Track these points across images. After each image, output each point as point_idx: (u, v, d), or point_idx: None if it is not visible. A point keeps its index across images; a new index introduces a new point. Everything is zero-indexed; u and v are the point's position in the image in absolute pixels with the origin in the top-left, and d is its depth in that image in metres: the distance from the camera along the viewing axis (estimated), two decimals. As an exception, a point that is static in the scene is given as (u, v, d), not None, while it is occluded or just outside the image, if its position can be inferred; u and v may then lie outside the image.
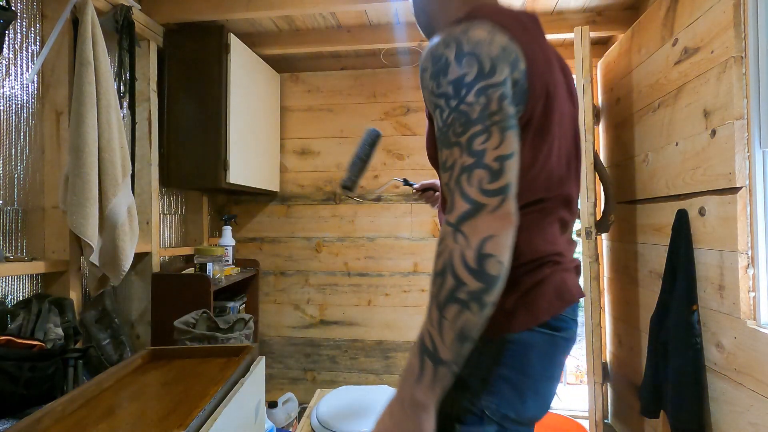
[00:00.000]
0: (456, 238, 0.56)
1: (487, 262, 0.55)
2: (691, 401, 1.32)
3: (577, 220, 2.02)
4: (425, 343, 0.57)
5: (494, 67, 0.61)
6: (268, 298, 2.56)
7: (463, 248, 0.56)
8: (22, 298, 1.43)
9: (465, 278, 0.55)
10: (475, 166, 0.58)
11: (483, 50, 0.61)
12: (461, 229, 0.56)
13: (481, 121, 0.59)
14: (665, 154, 1.59)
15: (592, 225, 1.87)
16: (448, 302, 0.56)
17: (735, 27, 1.20)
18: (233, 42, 2.00)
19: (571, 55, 2.35)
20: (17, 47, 1.44)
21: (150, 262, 1.88)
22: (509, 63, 0.62)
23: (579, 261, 0.80)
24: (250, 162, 2.16)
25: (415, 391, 0.57)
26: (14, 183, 1.42)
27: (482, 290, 0.55)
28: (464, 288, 0.55)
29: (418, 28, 0.96)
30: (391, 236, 2.46)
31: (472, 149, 0.59)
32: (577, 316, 0.76)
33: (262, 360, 1.22)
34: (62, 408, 0.86)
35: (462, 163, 0.59)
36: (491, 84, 0.60)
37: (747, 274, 1.19)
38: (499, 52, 0.62)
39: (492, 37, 0.62)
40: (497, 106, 0.60)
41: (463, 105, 0.60)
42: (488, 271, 0.55)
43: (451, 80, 0.61)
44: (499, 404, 0.68)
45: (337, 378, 2.49)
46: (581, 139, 1.90)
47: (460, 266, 0.55)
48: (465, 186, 0.58)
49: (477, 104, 0.60)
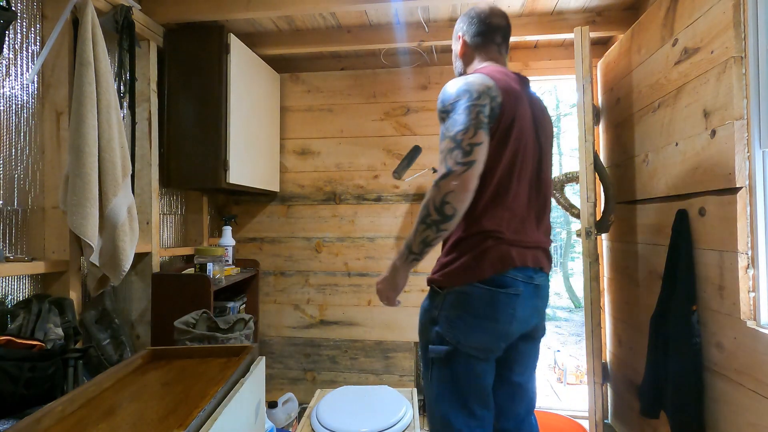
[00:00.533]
0: (434, 189, 0.99)
1: (445, 206, 0.98)
2: (691, 401, 1.32)
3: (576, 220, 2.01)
4: (408, 241, 1.05)
5: (480, 95, 1.02)
6: (268, 298, 2.56)
7: (435, 195, 0.99)
8: (22, 298, 1.43)
9: (432, 212, 0.99)
10: (455, 148, 0.99)
11: (474, 87, 1.03)
12: (437, 184, 0.99)
13: (464, 123, 1.00)
14: (665, 154, 1.59)
15: (592, 225, 1.87)
16: (421, 223, 1.01)
17: (735, 27, 1.20)
18: (233, 42, 2.00)
19: (571, 55, 2.36)
20: (17, 47, 1.44)
21: (150, 262, 1.88)
22: (490, 96, 1.03)
23: (542, 242, 1.14)
24: (250, 162, 2.16)
25: (398, 262, 1.09)
26: (14, 183, 1.42)
27: (439, 221, 0.99)
28: (430, 217, 1.00)
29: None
30: (391, 236, 2.46)
31: (455, 138, 1.00)
32: (534, 279, 1.09)
33: (262, 360, 1.22)
34: (62, 408, 0.86)
35: (448, 146, 1.00)
36: (476, 104, 1.01)
37: (747, 274, 1.19)
38: (485, 89, 1.03)
39: (482, 80, 1.05)
40: (476, 115, 1.00)
41: (457, 115, 1.02)
42: (445, 211, 0.98)
43: (453, 102, 1.04)
44: (453, 333, 1.06)
45: (337, 378, 2.49)
46: (582, 140, 1.90)
47: (431, 205, 0.99)
48: (447, 159, 0.99)
49: (464, 114, 1.01)
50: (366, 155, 2.49)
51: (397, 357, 2.44)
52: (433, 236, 1.01)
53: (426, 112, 2.45)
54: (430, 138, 2.41)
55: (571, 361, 3.33)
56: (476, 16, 1.22)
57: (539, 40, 2.30)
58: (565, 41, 2.35)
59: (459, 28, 1.26)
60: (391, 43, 2.23)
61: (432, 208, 0.98)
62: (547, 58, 2.41)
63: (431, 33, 2.18)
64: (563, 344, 5.41)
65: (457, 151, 0.97)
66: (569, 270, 8.65)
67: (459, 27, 1.26)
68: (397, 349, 2.44)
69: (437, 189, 0.98)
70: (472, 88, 1.02)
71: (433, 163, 2.42)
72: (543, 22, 2.10)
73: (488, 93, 1.02)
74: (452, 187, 0.96)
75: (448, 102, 1.04)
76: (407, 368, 2.43)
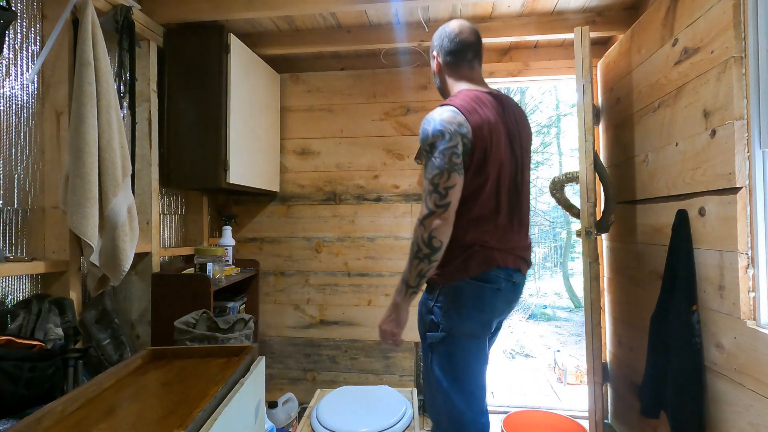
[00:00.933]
0: (420, 227, 1.15)
1: (433, 239, 1.14)
2: (691, 401, 1.32)
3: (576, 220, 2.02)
4: (404, 277, 1.20)
5: (452, 137, 1.14)
6: (268, 298, 2.56)
7: (422, 233, 1.15)
8: (22, 298, 1.43)
9: (423, 247, 1.15)
10: (433, 191, 1.14)
11: (448, 128, 1.14)
12: (422, 223, 1.15)
13: (439, 167, 1.14)
14: (665, 154, 1.59)
15: (592, 225, 1.87)
16: (414, 258, 1.16)
17: (735, 27, 1.20)
18: (233, 42, 2.00)
19: (571, 55, 2.36)
20: (17, 47, 1.44)
21: (150, 262, 1.88)
22: (461, 134, 1.15)
23: (523, 248, 1.31)
24: (250, 162, 2.16)
25: (397, 299, 1.22)
26: (14, 183, 1.42)
27: (430, 253, 1.15)
28: (421, 252, 1.15)
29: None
30: (391, 236, 2.46)
31: (433, 182, 1.15)
32: (513, 278, 1.26)
33: (262, 360, 1.22)
34: (62, 408, 0.86)
35: (428, 188, 1.15)
36: (449, 146, 1.14)
37: (747, 274, 1.19)
38: (457, 129, 1.15)
39: (455, 118, 1.16)
40: (449, 158, 1.14)
41: (434, 158, 1.15)
42: (433, 244, 1.14)
43: (429, 143, 1.17)
44: (446, 322, 1.22)
45: (337, 378, 2.49)
46: (582, 140, 1.90)
47: (420, 241, 1.15)
48: (428, 200, 1.15)
49: (439, 158, 1.14)
50: (366, 155, 2.49)
51: (397, 357, 2.44)
52: (426, 268, 1.16)
53: (426, 112, 2.44)
54: (430, 138, 2.41)
55: (571, 361, 3.33)
56: (446, 36, 1.31)
57: (539, 40, 2.30)
58: (565, 41, 2.35)
59: (433, 47, 1.36)
60: (391, 43, 2.23)
61: (422, 244, 1.14)
62: (547, 58, 2.41)
63: (431, 33, 2.18)
64: (563, 344, 5.40)
65: (435, 194, 1.14)
66: (569, 270, 8.65)
67: (433, 46, 1.36)
68: (397, 349, 2.44)
69: (423, 227, 1.14)
70: (446, 129, 1.14)
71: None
72: (543, 22, 2.10)
73: (459, 131, 1.15)
74: (435, 225, 1.13)
75: (427, 142, 1.17)
76: (407, 368, 2.43)
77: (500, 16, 2.11)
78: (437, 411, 1.26)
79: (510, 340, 5.49)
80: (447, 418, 1.23)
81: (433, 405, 1.27)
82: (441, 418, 1.25)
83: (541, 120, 9.62)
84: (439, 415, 1.26)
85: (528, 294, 8.53)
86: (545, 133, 9.63)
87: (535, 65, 2.41)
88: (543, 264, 10.27)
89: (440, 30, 1.34)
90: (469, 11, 2.08)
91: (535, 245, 10.09)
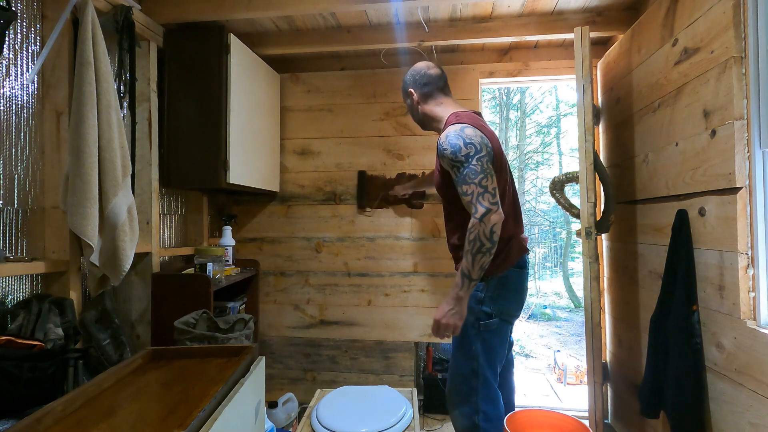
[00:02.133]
0: (480, 224, 1.29)
1: (493, 234, 1.30)
2: (691, 401, 1.32)
3: (576, 220, 2.03)
4: (464, 270, 1.32)
5: (481, 147, 1.34)
6: (268, 298, 2.56)
7: (483, 228, 1.29)
8: (22, 298, 1.43)
9: (485, 242, 1.29)
10: (484, 191, 1.31)
11: (475, 140, 1.34)
12: (483, 220, 1.29)
13: (482, 172, 1.32)
14: (665, 154, 1.59)
15: (592, 225, 1.87)
16: (477, 253, 1.30)
17: (735, 27, 1.20)
18: (233, 42, 2.00)
19: (571, 55, 2.36)
20: (17, 47, 1.44)
21: (150, 262, 1.88)
22: (486, 145, 1.36)
23: (526, 235, 1.56)
24: (250, 162, 2.16)
25: (459, 292, 1.33)
26: (14, 183, 1.42)
27: (491, 247, 1.30)
28: (484, 246, 1.29)
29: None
30: (391, 236, 2.46)
31: (482, 185, 1.31)
32: (528, 259, 1.53)
33: (262, 360, 1.22)
34: (62, 408, 0.86)
35: (478, 191, 1.31)
36: (482, 155, 1.33)
37: (747, 274, 1.19)
38: (481, 140, 1.35)
39: (476, 133, 1.36)
40: (486, 164, 1.33)
41: (472, 165, 1.32)
42: (494, 238, 1.30)
43: (464, 154, 1.33)
44: (497, 307, 1.44)
45: (337, 378, 2.49)
46: (582, 140, 1.90)
47: (482, 237, 1.29)
48: (482, 201, 1.30)
49: (478, 165, 1.32)
50: (366, 155, 2.49)
51: (397, 357, 2.44)
52: (487, 260, 1.32)
53: (426, 112, 2.45)
54: (429, 138, 2.41)
55: (571, 361, 3.33)
56: (418, 74, 1.57)
57: (539, 40, 2.30)
58: (565, 41, 2.35)
59: (408, 86, 1.60)
60: (391, 43, 2.23)
61: (484, 238, 1.29)
62: (547, 58, 2.41)
63: (431, 33, 2.18)
64: (563, 344, 5.40)
65: (487, 194, 1.30)
66: (569, 270, 8.65)
67: (407, 85, 1.60)
68: (397, 349, 2.44)
69: (484, 224, 1.29)
70: (475, 141, 1.33)
71: (426, 167, 2.42)
72: (543, 22, 2.10)
73: (484, 142, 1.35)
74: (494, 220, 1.29)
75: (461, 154, 1.33)
76: (407, 368, 2.43)
77: (500, 16, 2.11)
78: (470, 392, 1.43)
79: (510, 340, 5.50)
80: (483, 393, 1.43)
81: (464, 387, 1.44)
82: (471, 395, 1.43)
83: (541, 120, 9.61)
84: (471, 396, 1.43)
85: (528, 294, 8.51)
86: (545, 133, 9.64)
87: (535, 65, 2.41)
88: (543, 264, 10.28)
89: (409, 73, 1.60)
90: (469, 11, 2.08)
91: (535, 245, 10.11)
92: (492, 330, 1.43)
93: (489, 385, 1.43)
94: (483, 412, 1.43)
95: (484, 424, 1.43)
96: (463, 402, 1.44)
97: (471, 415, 1.43)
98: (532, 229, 9.99)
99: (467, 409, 1.44)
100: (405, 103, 1.66)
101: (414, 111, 1.61)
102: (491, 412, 1.43)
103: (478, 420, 1.42)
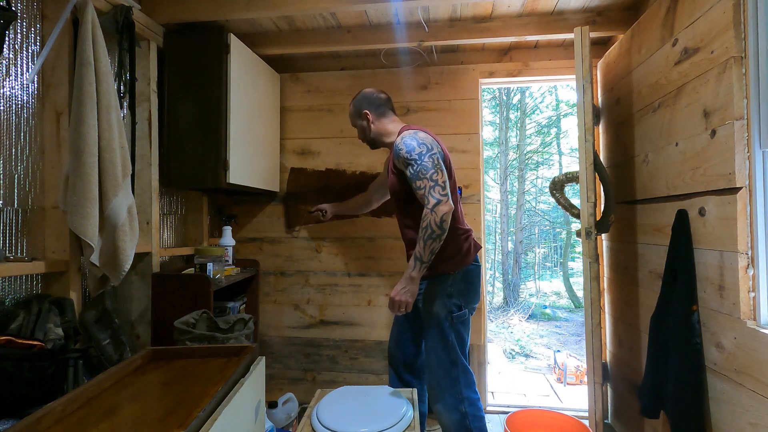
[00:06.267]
0: (432, 214, 1.42)
1: (444, 222, 1.42)
2: (691, 401, 1.32)
3: (577, 220, 2.02)
4: (417, 254, 1.45)
5: (432, 147, 1.50)
6: (268, 298, 2.56)
7: (434, 218, 1.42)
8: (22, 298, 1.43)
9: (436, 229, 1.42)
10: (435, 184, 1.44)
11: (427, 141, 1.51)
12: (434, 210, 1.42)
13: (433, 167, 1.46)
14: (665, 154, 1.59)
15: (592, 225, 1.87)
16: (428, 239, 1.42)
17: (735, 27, 1.20)
18: (233, 42, 2.00)
19: (571, 55, 2.36)
20: (17, 47, 1.44)
21: (150, 262, 1.88)
22: (436, 145, 1.53)
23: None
24: (250, 162, 2.16)
25: (412, 273, 1.46)
26: (14, 183, 1.42)
27: (441, 234, 1.43)
28: (435, 233, 1.42)
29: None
30: (391, 236, 2.46)
31: (433, 179, 1.45)
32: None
33: (262, 360, 1.22)
34: (62, 408, 0.86)
35: (430, 184, 1.44)
36: (434, 153, 1.49)
37: (747, 274, 1.19)
38: (433, 141, 1.53)
39: (427, 136, 1.55)
40: (438, 161, 1.48)
41: (425, 162, 1.47)
42: (444, 226, 1.42)
43: (417, 152, 1.48)
44: (464, 299, 1.59)
45: (337, 378, 2.49)
46: (582, 140, 1.90)
47: (433, 225, 1.42)
48: (433, 193, 1.44)
49: (430, 161, 1.47)
50: (366, 155, 2.49)
51: (397, 357, 2.44)
52: (437, 245, 1.44)
53: (426, 113, 2.45)
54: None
55: (571, 361, 3.33)
56: (370, 96, 1.75)
57: (539, 40, 2.30)
58: (565, 41, 2.35)
59: (361, 108, 1.75)
60: (391, 43, 2.23)
61: (435, 227, 1.42)
62: (547, 58, 2.41)
63: (431, 33, 2.18)
64: (563, 344, 5.40)
65: (438, 187, 1.44)
66: (569, 270, 8.65)
67: (361, 107, 1.75)
68: (397, 349, 2.44)
69: (435, 213, 1.42)
70: (427, 142, 1.51)
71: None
72: (543, 22, 2.10)
73: (435, 143, 1.53)
74: (444, 210, 1.42)
75: (415, 153, 1.48)
76: (407, 368, 2.43)
77: (500, 16, 2.11)
78: (453, 382, 1.55)
79: (510, 340, 5.48)
80: (464, 382, 1.56)
81: (447, 378, 1.55)
82: (454, 385, 1.55)
83: (541, 120, 9.61)
84: (454, 386, 1.55)
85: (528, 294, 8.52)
86: (545, 133, 9.64)
87: (535, 65, 2.41)
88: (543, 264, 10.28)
89: (359, 98, 1.75)
90: (469, 11, 2.08)
91: (535, 245, 10.10)
92: (463, 321, 1.58)
93: (467, 371, 1.58)
94: (467, 398, 1.56)
95: (470, 410, 1.56)
96: (447, 392, 1.55)
97: (456, 405, 1.55)
98: (532, 229, 9.99)
99: (451, 400, 1.55)
100: (355, 125, 1.79)
101: (366, 131, 1.75)
102: (473, 396, 1.58)
103: (465, 407, 1.55)
